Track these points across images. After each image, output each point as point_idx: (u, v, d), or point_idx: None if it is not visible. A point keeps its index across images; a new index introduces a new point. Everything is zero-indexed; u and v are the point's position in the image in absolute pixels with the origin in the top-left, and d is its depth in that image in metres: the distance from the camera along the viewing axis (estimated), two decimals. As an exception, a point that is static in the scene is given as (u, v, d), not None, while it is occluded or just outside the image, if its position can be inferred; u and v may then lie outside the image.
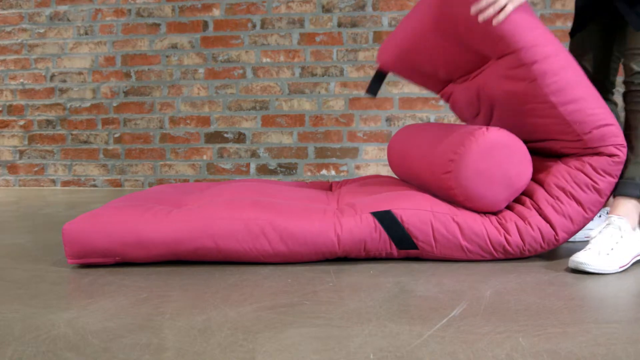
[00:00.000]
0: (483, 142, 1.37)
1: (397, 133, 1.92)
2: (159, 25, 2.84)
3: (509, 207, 1.44)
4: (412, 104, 2.76)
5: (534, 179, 1.47)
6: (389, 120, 2.80)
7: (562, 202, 1.37)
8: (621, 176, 1.42)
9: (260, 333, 0.97)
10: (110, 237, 1.36)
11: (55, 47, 2.90)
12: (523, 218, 1.39)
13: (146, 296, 1.19)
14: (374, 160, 2.79)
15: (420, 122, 2.79)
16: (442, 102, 2.78)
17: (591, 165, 1.36)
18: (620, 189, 1.39)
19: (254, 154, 2.84)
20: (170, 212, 1.43)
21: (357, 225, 1.36)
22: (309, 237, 1.36)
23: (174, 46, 2.84)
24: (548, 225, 1.37)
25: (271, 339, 0.94)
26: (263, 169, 2.86)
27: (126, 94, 2.87)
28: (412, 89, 2.80)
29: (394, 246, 1.38)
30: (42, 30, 2.87)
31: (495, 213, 1.43)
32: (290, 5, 2.78)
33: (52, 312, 1.08)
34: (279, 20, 2.79)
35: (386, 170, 2.82)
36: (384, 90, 2.75)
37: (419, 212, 1.37)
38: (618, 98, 2.75)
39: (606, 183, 1.36)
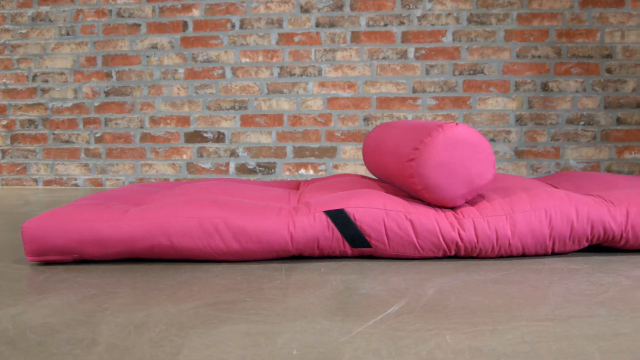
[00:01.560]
0: (450, 134, 1.38)
1: (371, 131, 1.93)
2: (139, 25, 2.86)
3: (478, 202, 1.44)
4: (389, 103, 2.77)
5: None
6: (366, 119, 2.81)
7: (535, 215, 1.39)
8: None
9: (194, 329, 0.98)
10: (68, 235, 1.38)
11: (37, 47, 2.92)
12: (484, 215, 1.39)
13: (94, 293, 1.21)
14: (352, 160, 2.80)
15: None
16: (419, 102, 2.80)
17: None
18: None
19: (233, 154, 2.86)
20: (128, 211, 1.44)
21: (310, 223, 1.38)
22: (262, 235, 1.37)
23: (154, 46, 2.86)
24: (508, 228, 1.38)
25: (202, 335, 0.96)
26: (242, 169, 2.87)
27: (107, 94, 2.90)
28: (389, 89, 2.82)
29: (347, 244, 1.39)
30: (24, 31, 2.89)
31: (454, 208, 1.44)
32: (269, 5, 2.79)
33: (0, 307, 1.10)
34: (257, 21, 2.80)
35: (364, 170, 2.83)
36: (361, 90, 2.77)
37: (371, 210, 1.38)
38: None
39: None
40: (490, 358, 0.84)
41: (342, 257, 1.46)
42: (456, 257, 1.45)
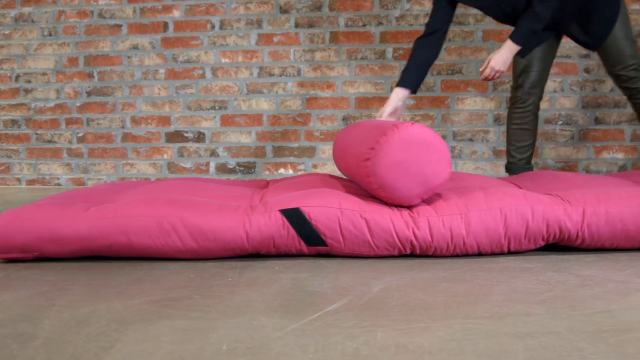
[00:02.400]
0: (405, 134, 1.40)
1: (340, 132, 1.95)
2: (120, 26, 2.88)
3: (435, 201, 1.45)
4: (368, 103, 2.78)
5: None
6: (345, 119, 2.82)
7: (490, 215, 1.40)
8: None
9: (133, 324, 1.00)
10: (28, 233, 1.40)
11: (20, 48, 2.95)
12: (439, 215, 1.41)
13: (47, 289, 1.22)
14: (331, 160, 2.81)
15: (376, 121, 2.81)
16: (398, 102, 2.81)
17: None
18: None
19: (213, 153, 2.88)
20: (88, 209, 1.46)
21: (266, 222, 1.39)
22: (219, 234, 1.39)
23: (135, 47, 2.88)
24: (463, 227, 1.39)
25: (139, 330, 0.97)
26: (222, 168, 2.89)
27: (89, 94, 2.92)
28: (368, 89, 2.83)
29: (303, 243, 1.40)
30: (7, 32, 2.92)
31: (410, 207, 1.45)
32: (248, 6, 2.81)
33: (-51, 304, 1.12)
34: (237, 21, 2.82)
35: (343, 170, 2.85)
36: (340, 90, 2.78)
37: (326, 209, 1.39)
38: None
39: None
40: (414, 354, 0.85)
41: (299, 255, 1.48)
42: (412, 255, 1.47)
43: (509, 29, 2.68)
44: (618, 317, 1.00)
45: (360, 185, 1.56)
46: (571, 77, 2.74)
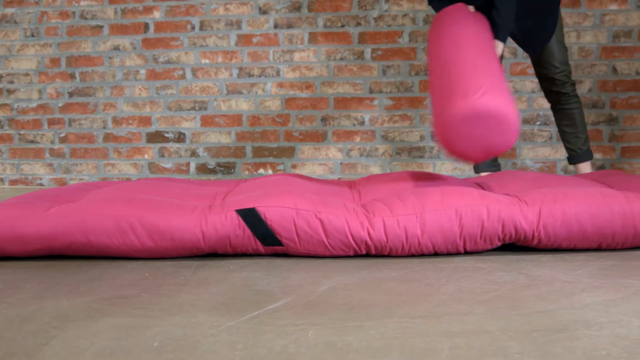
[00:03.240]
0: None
1: (443, 15, 1.95)
2: (101, 27, 2.90)
3: (392, 201, 1.46)
4: (346, 103, 2.79)
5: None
6: (324, 120, 2.83)
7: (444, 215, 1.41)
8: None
9: (75, 322, 1.01)
10: (-11, 232, 1.42)
11: (2, 48, 2.97)
12: (394, 215, 1.41)
13: (1, 287, 1.24)
14: (310, 160, 2.83)
15: (355, 122, 2.83)
16: (376, 102, 2.82)
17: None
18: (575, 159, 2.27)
19: (193, 154, 2.89)
20: (50, 209, 1.47)
21: (222, 222, 1.40)
22: (175, 233, 1.40)
23: (116, 48, 2.90)
24: (417, 227, 1.40)
25: (79, 327, 0.99)
26: (202, 168, 2.91)
27: (71, 94, 2.94)
28: (346, 89, 2.84)
29: (259, 243, 1.42)
30: (-10, 33, 2.95)
31: (366, 208, 1.46)
32: (228, 7, 2.82)
33: None
34: (217, 22, 2.84)
35: (322, 169, 2.86)
36: (319, 90, 2.80)
37: (282, 209, 1.40)
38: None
39: None
40: (339, 352, 0.86)
41: (257, 255, 1.49)
42: (369, 255, 1.48)
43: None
44: (555, 317, 1.01)
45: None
46: (550, 77, 2.74)
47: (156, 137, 2.88)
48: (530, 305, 1.09)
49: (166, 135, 2.88)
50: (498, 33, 1.95)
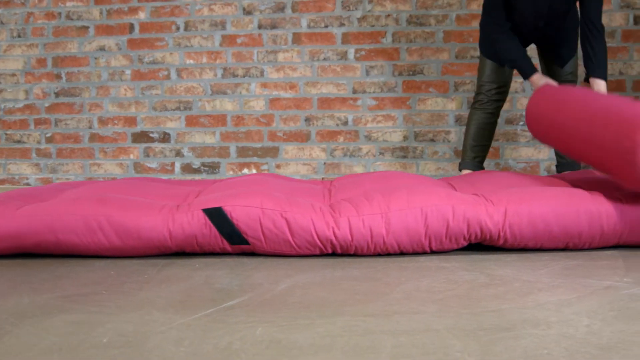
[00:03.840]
0: None
1: (541, 96, 1.92)
2: (87, 27, 2.91)
3: (359, 201, 1.47)
4: (330, 104, 2.80)
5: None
6: (308, 120, 2.84)
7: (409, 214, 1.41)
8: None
9: (31, 318, 1.03)
10: (-40, 231, 1.43)
11: (-11, 49, 2.99)
12: (360, 214, 1.42)
13: (-34, 286, 1.26)
14: (294, 160, 2.83)
15: (338, 122, 2.83)
16: (359, 102, 2.83)
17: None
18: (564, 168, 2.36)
19: (178, 154, 2.90)
20: (20, 208, 1.49)
21: (189, 221, 1.41)
22: (143, 232, 1.41)
23: (101, 48, 2.91)
24: (383, 226, 1.41)
25: (34, 324, 1.00)
26: (187, 168, 2.92)
27: (57, 94, 2.96)
28: (330, 90, 2.84)
29: (226, 242, 1.43)
30: (-23, 33, 2.97)
31: (333, 208, 1.47)
32: (212, 7, 2.83)
33: None
34: (201, 23, 2.85)
35: (305, 169, 2.87)
36: (302, 91, 2.81)
37: (248, 208, 1.41)
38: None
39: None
40: (282, 349, 0.87)
41: (225, 253, 1.50)
42: (336, 254, 1.48)
43: (471, 29, 2.69)
44: (505, 317, 1.02)
45: (601, 169, 1.56)
46: (533, 78, 2.75)
47: (141, 137, 2.90)
48: (484, 304, 1.10)
49: (151, 135, 2.90)
50: (600, 72, 2.03)
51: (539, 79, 2.09)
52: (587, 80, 2.08)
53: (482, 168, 2.29)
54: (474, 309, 1.06)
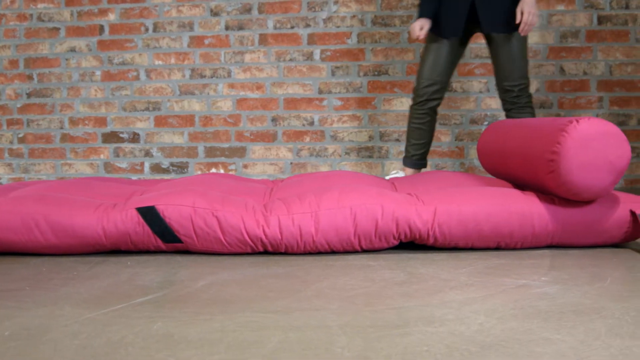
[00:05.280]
0: (577, 135, 1.41)
1: (485, 134, 1.97)
2: (58, 29, 2.96)
3: (291, 201, 1.50)
4: (296, 104, 2.83)
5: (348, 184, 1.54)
6: (274, 120, 2.87)
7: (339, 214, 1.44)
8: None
9: (-56, 315, 1.06)
10: None
11: (-37, 50, 3.04)
12: (290, 213, 1.45)
13: None
14: (260, 160, 2.87)
15: (304, 122, 2.86)
16: (325, 103, 2.85)
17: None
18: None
19: (147, 154, 2.94)
20: (-37, 207, 1.52)
21: (122, 219, 1.44)
22: (78, 230, 1.44)
23: (72, 49, 2.95)
24: (312, 225, 1.43)
25: (-56, 320, 1.03)
26: (156, 168, 2.96)
27: (29, 95, 3.00)
28: (296, 90, 2.87)
29: (159, 240, 1.46)
30: (-49, 35, 3.01)
31: (266, 207, 1.49)
32: (180, 9, 2.87)
33: None
34: (170, 24, 2.88)
35: (272, 169, 2.90)
36: (269, 91, 2.83)
37: (180, 207, 1.44)
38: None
39: None
40: (171, 343, 0.90)
41: (160, 252, 1.53)
42: (269, 253, 1.51)
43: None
44: (403, 314, 1.04)
45: (532, 186, 1.61)
46: (498, 78, 2.76)
47: (111, 137, 2.94)
48: (389, 302, 1.12)
49: (121, 135, 2.94)
50: None
51: (418, 23, 2.14)
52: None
53: (423, 165, 2.33)
54: (377, 307, 1.08)
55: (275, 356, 0.85)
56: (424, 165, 2.33)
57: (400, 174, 2.40)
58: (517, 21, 2.07)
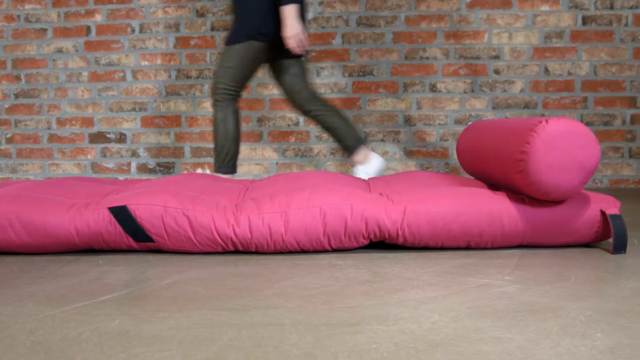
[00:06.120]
0: (546, 135, 1.43)
1: (464, 133, 1.99)
2: (45, 30, 2.98)
3: (262, 200, 1.51)
4: (282, 104, 2.84)
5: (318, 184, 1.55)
6: (260, 120, 2.89)
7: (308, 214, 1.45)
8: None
9: None
10: None
11: (-48, 51, 3.07)
12: (260, 212, 1.46)
13: None
14: (246, 160, 2.88)
15: (290, 122, 2.87)
16: (310, 103, 2.87)
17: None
18: None
19: (134, 154, 2.96)
20: (-62, 206, 1.54)
21: (95, 219, 1.46)
22: (51, 229, 1.46)
23: (59, 50, 2.97)
24: (281, 224, 1.44)
25: None
26: (143, 168, 2.97)
27: (17, 96, 3.02)
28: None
29: (131, 239, 1.47)
30: (-60, 36, 3.04)
31: (237, 207, 1.51)
32: (166, 10, 2.89)
33: None
34: (156, 25, 2.90)
35: (258, 169, 2.91)
36: (254, 92, 2.85)
37: (151, 207, 1.46)
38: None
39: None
40: (125, 339, 0.92)
41: (132, 251, 1.55)
42: (240, 252, 1.52)
43: (420, 30, 2.72)
44: (358, 313, 1.05)
45: (503, 184, 1.63)
46: (481, 78, 2.78)
47: (98, 137, 2.96)
48: (348, 301, 1.13)
49: (108, 135, 2.96)
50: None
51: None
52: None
53: (234, 171, 2.33)
54: (334, 305, 1.09)
55: (224, 353, 0.87)
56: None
57: (373, 164, 2.38)
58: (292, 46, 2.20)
